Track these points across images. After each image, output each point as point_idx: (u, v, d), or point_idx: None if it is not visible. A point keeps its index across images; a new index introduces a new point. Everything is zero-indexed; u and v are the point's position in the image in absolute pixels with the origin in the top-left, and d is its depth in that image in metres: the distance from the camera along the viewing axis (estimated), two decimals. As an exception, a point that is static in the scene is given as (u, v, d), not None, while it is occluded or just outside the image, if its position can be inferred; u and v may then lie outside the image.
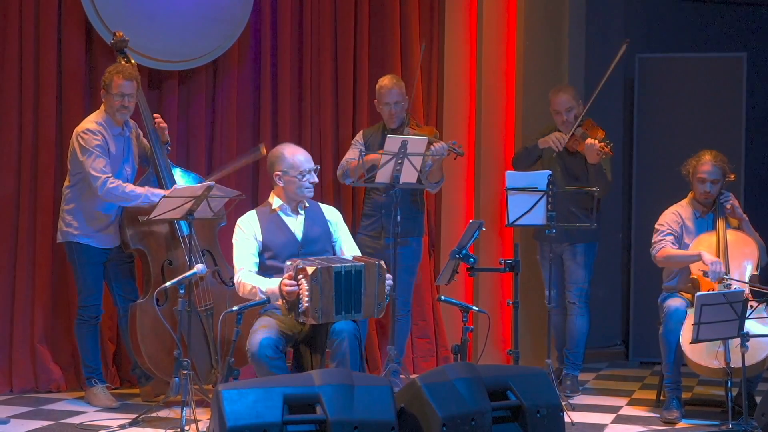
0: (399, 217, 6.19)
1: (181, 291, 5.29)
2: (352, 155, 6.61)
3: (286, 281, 5.11)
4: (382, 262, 5.26)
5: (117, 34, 6.23)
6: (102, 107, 6.06)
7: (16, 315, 6.42)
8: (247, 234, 5.43)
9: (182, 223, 5.91)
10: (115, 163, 6.00)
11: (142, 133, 6.23)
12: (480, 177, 7.50)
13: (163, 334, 5.79)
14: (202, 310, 6.00)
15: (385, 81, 6.68)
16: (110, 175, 5.88)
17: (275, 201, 5.55)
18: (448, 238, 7.50)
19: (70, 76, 6.54)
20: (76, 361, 6.44)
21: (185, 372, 5.31)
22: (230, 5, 6.81)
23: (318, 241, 5.50)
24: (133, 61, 6.22)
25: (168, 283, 5.33)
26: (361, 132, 6.83)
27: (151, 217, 5.68)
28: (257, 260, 5.42)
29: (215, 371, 5.90)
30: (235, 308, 4.94)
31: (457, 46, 7.59)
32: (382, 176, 6.20)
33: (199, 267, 5.38)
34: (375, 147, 6.49)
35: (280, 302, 5.20)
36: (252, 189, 7.02)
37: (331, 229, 5.58)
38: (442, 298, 5.33)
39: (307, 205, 5.56)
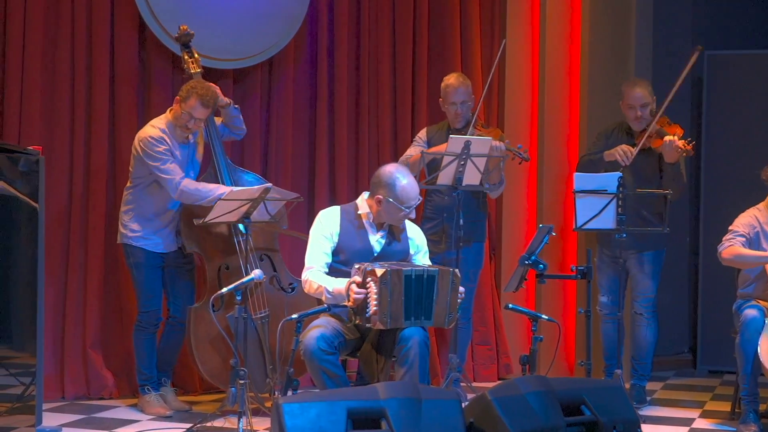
0: (461, 221, 5.98)
1: (238, 297, 5.13)
2: (412, 152, 6.39)
3: (355, 288, 4.93)
4: (457, 271, 5.06)
5: (182, 27, 6.07)
6: (170, 112, 5.89)
7: (67, 320, 6.30)
8: (324, 230, 5.23)
9: (240, 225, 5.75)
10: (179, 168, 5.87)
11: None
12: (543, 180, 7.24)
13: (218, 341, 5.65)
14: (257, 318, 5.82)
15: (451, 80, 6.43)
16: (183, 174, 5.74)
17: (364, 208, 5.30)
18: (509, 243, 7.27)
19: (123, 75, 6.41)
20: (129, 367, 6.31)
21: (242, 381, 5.15)
22: (286, 2, 6.66)
23: (394, 257, 5.27)
24: (197, 56, 6.07)
25: (224, 289, 5.19)
26: (424, 129, 6.60)
27: (206, 220, 5.54)
28: (329, 260, 5.22)
29: (271, 380, 5.73)
30: (294, 316, 4.77)
31: (519, 45, 7.34)
32: (445, 178, 5.99)
33: (256, 272, 5.21)
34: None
35: (346, 303, 5.02)
36: (308, 191, 6.86)
37: (411, 248, 5.36)
38: (510, 306, 5.10)
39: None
